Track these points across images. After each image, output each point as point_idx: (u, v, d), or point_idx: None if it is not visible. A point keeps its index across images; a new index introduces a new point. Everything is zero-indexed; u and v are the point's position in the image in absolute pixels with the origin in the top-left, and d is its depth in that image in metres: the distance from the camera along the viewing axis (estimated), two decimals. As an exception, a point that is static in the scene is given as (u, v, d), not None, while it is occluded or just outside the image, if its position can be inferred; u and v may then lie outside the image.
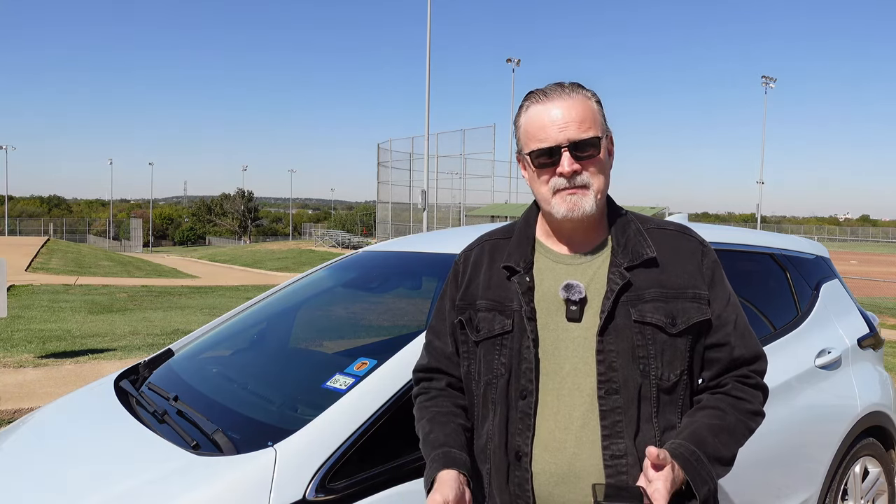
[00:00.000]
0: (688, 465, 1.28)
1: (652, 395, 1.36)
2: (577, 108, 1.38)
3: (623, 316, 1.36)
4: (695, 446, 1.31)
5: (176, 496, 1.55)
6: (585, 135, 1.37)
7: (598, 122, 1.40)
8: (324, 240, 40.25)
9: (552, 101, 1.39)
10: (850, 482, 3.00)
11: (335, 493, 1.60)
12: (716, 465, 1.33)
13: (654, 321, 1.36)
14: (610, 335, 1.36)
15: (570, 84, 1.42)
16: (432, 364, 1.56)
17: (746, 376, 1.44)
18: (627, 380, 1.35)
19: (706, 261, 1.46)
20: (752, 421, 1.42)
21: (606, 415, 1.34)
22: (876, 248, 57.41)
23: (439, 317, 1.58)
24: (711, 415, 1.38)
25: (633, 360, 1.35)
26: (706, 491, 1.30)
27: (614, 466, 1.33)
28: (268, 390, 2.25)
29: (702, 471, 1.30)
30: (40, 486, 1.74)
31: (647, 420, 1.35)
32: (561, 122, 1.37)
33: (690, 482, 1.28)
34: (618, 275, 1.39)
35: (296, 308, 2.95)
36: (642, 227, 1.47)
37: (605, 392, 1.34)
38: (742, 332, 1.45)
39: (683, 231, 1.50)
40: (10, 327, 8.73)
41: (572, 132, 1.36)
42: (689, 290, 1.40)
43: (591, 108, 1.40)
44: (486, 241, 1.58)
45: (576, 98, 1.39)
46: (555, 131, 1.37)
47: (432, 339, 1.58)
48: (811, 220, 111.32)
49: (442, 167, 33.64)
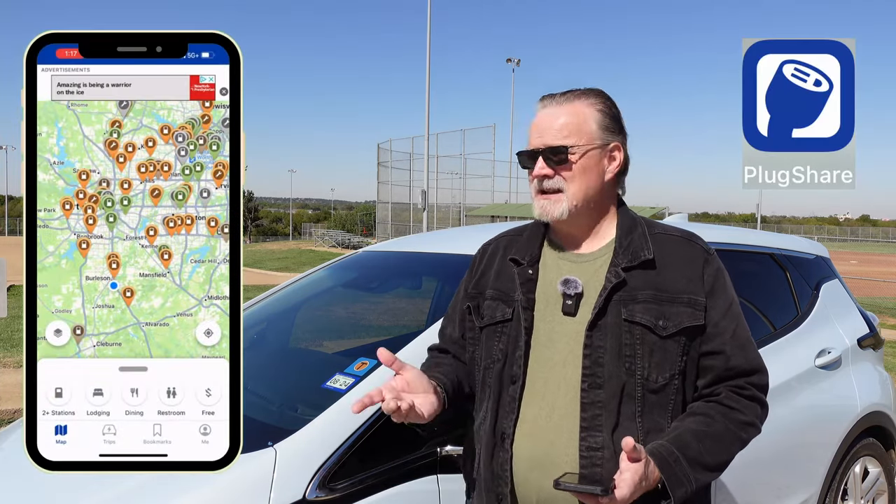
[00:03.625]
0: (664, 465, 1.29)
1: (637, 394, 1.38)
2: (563, 115, 1.45)
3: (614, 314, 1.40)
4: (675, 448, 1.33)
5: (175, 496, 1.55)
6: (558, 142, 1.44)
7: (586, 131, 1.45)
8: (324, 240, 40.29)
9: (545, 108, 1.49)
10: (850, 482, 3.00)
11: (335, 493, 1.60)
12: (697, 469, 1.33)
13: (642, 321, 1.39)
14: (599, 331, 1.39)
15: (571, 92, 1.49)
16: (442, 346, 1.68)
17: (742, 387, 1.44)
18: (612, 376, 1.38)
19: (708, 269, 1.47)
20: (742, 431, 1.42)
21: (587, 408, 1.37)
22: (876, 248, 57.48)
23: (453, 305, 1.70)
24: (699, 421, 1.39)
25: (620, 357, 1.38)
26: (682, 493, 1.31)
27: (589, 458, 1.36)
28: (268, 390, 2.25)
29: (679, 472, 1.30)
30: (40, 486, 1.75)
31: (630, 418, 1.38)
32: (542, 127, 1.46)
33: (665, 481, 1.29)
34: (614, 273, 1.42)
35: (296, 308, 2.95)
36: (648, 231, 1.50)
37: (589, 386, 1.38)
38: (742, 344, 1.45)
39: (689, 238, 1.52)
40: (10, 327, 8.72)
41: (548, 138, 1.44)
42: (685, 296, 1.42)
43: (583, 116, 1.45)
44: (503, 237, 1.66)
45: (566, 106, 1.46)
46: (535, 136, 1.47)
47: (445, 326, 1.69)
48: (811, 220, 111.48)
49: (442, 167, 33.68)
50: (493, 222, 14.09)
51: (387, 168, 35.17)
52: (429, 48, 24.56)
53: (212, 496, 1.55)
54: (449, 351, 1.64)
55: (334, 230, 47.79)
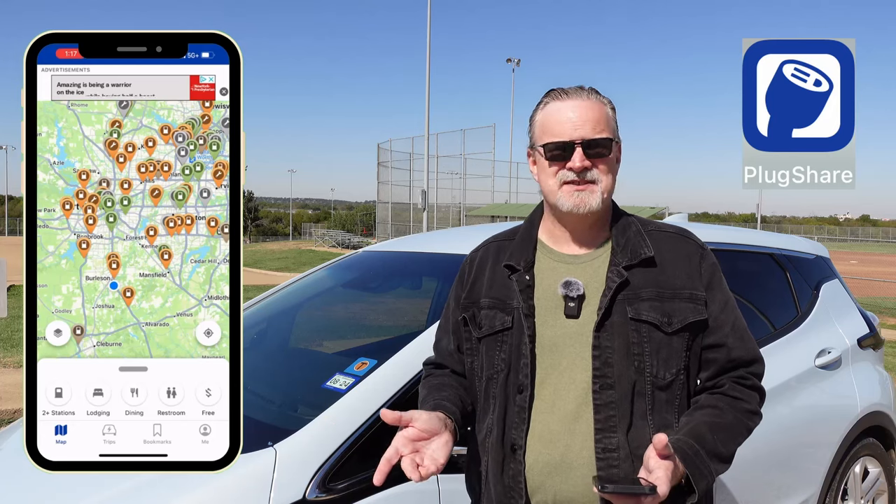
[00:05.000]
0: (688, 459, 1.30)
1: (647, 391, 1.39)
2: (594, 110, 1.45)
3: (619, 313, 1.40)
4: (695, 441, 1.33)
5: (175, 496, 1.55)
6: (599, 135, 1.43)
7: (611, 127, 1.47)
8: (324, 240, 40.28)
9: (572, 100, 1.46)
10: (850, 482, 3.00)
11: (335, 493, 1.60)
12: (714, 461, 1.34)
13: (649, 319, 1.40)
14: (606, 331, 1.39)
15: (588, 88, 1.49)
16: (438, 360, 1.65)
17: (743, 377, 1.46)
18: (622, 376, 1.38)
19: (704, 263, 1.49)
20: (749, 420, 1.44)
21: (600, 409, 1.37)
22: (876, 248, 57.47)
23: (445, 316, 1.66)
24: (710, 413, 1.40)
25: (629, 356, 1.38)
26: (705, 485, 1.32)
27: (606, 459, 1.35)
28: (268, 390, 2.25)
29: (701, 466, 1.31)
30: (40, 486, 1.75)
31: (642, 416, 1.38)
32: (577, 120, 1.43)
33: (690, 476, 1.29)
34: (616, 273, 1.42)
35: (296, 308, 2.95)
36: (643, 229, 1.51)
37: (600, 387, 1.38)
38: (740, 335, 1.47)
39: (683, 234, 1.53)
40: (10, 327, 8.72)
41: (587, 131, 1.42)
42: (686, 291, 1.43)
43: (605, 112, 1.47)
44: (491, 243, 1.63)
45: (593, 101, 1.46)
46: (570, 128, 1.43)
47: (440, 338, 1.66)
48: (811, 220, 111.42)
49: (442, 167, 33.67)
50: (493, 222, 14.08)
51: (387, 168, 35.17)
52: (429, 48, 24.56)
53: (212, 496, 1.55)
54: (446, 365, 1.62)
55: (334, 230, 47.79)
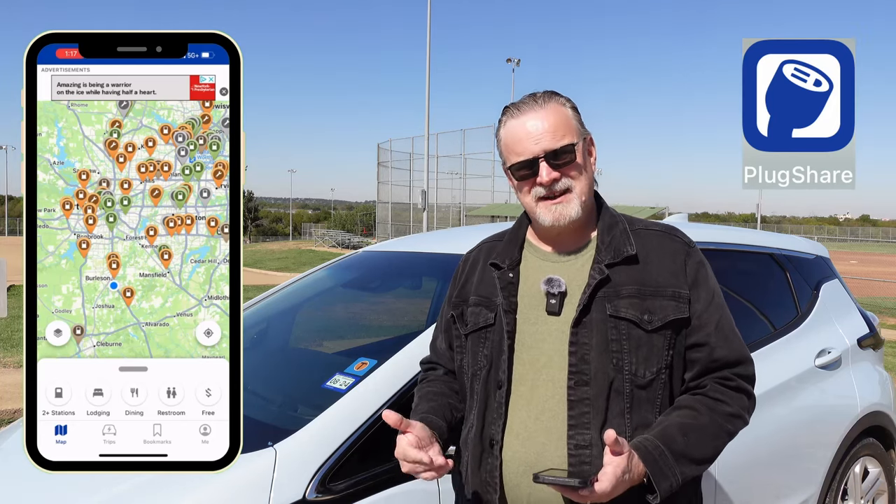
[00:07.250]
0: (649, 458, 1.29)
1: (625, 389, 1.38)
2: (551, 118, 1.43)
3: (599, 310, 1.40)
4: (661, 442, 1.32)
5: (175, 496, 1.55)
6: (560, 143, 1.41)
7: (573, 128, 1.45)
8: (324, 240, 40.28)
9: (525, 115, 1.44)
10: (850, 482, 3.00)
11: (335, 493, 1.60)
12: (683, 462, 1.32)
13: (628, 316, 1.39)
14: (584, 328, 1.39)
15: (543, 94, 1.47)
16: (433, 358, 1.68)
17: (727, 378, 1.43)
18: (598, 372, 1.37)
19: (690, 261, 1.47)
20: (728, 423, 1.41)
21: (574, 405, 1.37)
22: (876, 248, 57.45)
23: (440, 316, 1.70)
24: (684, 414, 1.39)
25: (607, 353, 1.38)
26: (668, 487, 1.30)
27: (578, 456, 1.35)
28: (268, 390, 2.25)
29: (664, 466, 1.30)
30: (40, 486, 1.75)
31: (619, 415, 1.37)
32: (536, 134, 1.42)
33: (651, 476, 1.28)
34: (598, 270, 1.42)
35: (296, 308, 2.95)
36: (629, 227, 1.50)
37: (575, 383, 1.38)
38: (726, 335, 1.45)
39: (669, 232, 1.52)
40: (10, 327, 8.72)
41: (547, 142, 1.41)
42: (669, 289, 1.42)
43: (564, 115, 1.45)
44: (484, 244, 1.66)
45: (548, 108, 1.44)
46: (531, 144, 1.42)
47: (436, 337, 1.69)
48: (811, 220, 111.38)
49: (442, 167, 33.67)
50: (493, 222, 14.07)
51: (387, 168, 35.18)
52: (429, 48, 24.56)
53: (212, 496, 1.55)
54: (440, 363, 1.64)
55: (334, 230, 47.78)
